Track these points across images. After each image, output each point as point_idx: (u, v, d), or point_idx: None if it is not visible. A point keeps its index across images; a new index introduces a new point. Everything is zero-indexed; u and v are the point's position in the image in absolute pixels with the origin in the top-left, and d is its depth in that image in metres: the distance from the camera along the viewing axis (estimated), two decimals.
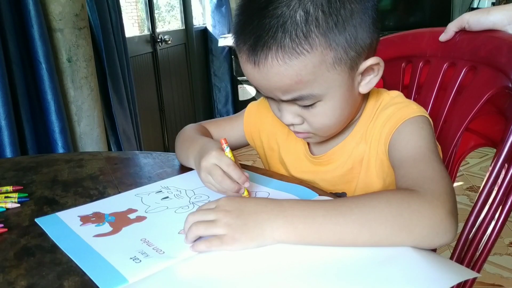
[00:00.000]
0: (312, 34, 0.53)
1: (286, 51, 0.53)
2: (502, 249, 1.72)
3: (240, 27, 0.57)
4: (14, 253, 0.52)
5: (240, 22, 0.57)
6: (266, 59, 0.54)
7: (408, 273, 0.42)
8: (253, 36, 0.54)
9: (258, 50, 0.54)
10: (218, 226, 0.48)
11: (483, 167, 2.51)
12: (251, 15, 0.55)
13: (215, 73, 3.41)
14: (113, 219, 0.58)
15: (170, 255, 0.48)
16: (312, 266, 0.44)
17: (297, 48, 0.53)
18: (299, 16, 0.52)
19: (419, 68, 0.85)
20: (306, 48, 0.53)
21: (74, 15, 1.49)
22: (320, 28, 0.53)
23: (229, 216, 0.48)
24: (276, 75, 0.55)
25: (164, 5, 3.17)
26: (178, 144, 0.77)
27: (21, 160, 0.87)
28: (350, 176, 0.68)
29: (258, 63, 0.55)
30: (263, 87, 0.59)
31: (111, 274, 0.45)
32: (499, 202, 0.64)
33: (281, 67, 0.54)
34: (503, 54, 0.68)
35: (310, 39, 0.53)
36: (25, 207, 0.64)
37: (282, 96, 0.58)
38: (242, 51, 0.57)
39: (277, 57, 0.53)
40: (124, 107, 1.94)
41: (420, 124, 0.61)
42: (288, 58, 0.53)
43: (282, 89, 0.57)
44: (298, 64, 0.54)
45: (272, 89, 0.58)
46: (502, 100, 0.69)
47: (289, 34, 0.52)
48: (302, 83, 0.55)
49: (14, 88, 1.34)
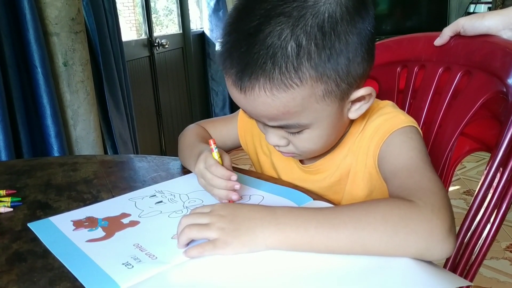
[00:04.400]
0: (303, 67, 0.50)
1: (274, 83, 0.51)
2: (498, 253, 1.72)
3: (227, 50, 0.54)
4: (6, 258, 0.51)
5: (227, 44, 0.54)
6: (253, 89, 0.52)
7: (400, 281, 0.42)
8: (241, 63, 0.52)
9: (245, 78, 0.52)
10: (211, 230, 0.48)
11: (480, 171, 2.51)
12: (240, 39, 0.52)
13: (213, 77, 3.42)
14: (106, 224, 0.57)
15: (162, 261, 0.48)
16: (305, 273, 0.44)
17: (287, 81, 0.50)
18: (290, 48, 0.49)
19: (414, 72, 0.85)
20: (295, 82, 0.51)
21: (70, 19, 1.49)
22: (311, 62, 0.50)
23: (223, 221, 0.48)
24: (263, 104, 0.53)
25: (162, 9, 3.17)
26: (181, 151, 0.77)
27: (15, 164, 0.87)
28: (338, 188, 0.68)
29: (244, 90, 0.52)
30: (249, 112, 0.57)
31: (103, 280, 0.45)
32: (494, 206, 0.64)
33: (268, 98, 0.52)
34: (497, 59, 0.69)
35: (300, 73, 0.50)
36: (18, 212, 0.64)
37: (268, 122, 0.57)
38: (228, 74, 0.54)
39: (264, 88, 0.51)
40: (121, 111, 1.94)
41: (409, 134, 0.60)
42: (276, 90, 0.51)
43: (268, 117, 0.55)
44: (286, 97, 0.52)
45: (258, 115, 0.56)
46: (496, 105, 0.69)
47: (279, 66, 0.50)
48: (289, 114, 0.54)
49: (9, 92, 1.34)
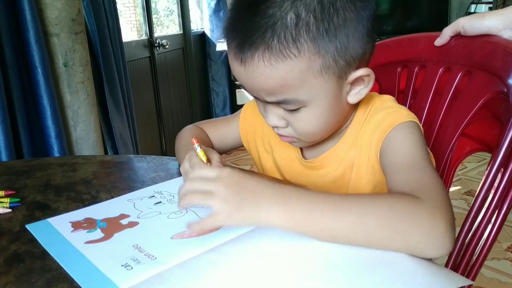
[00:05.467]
0: (301, 38, 0.52)
1: (273, 52, 0.52)
2: (500, 254, 1.71)
3: (230, 23, 0.56)
4: (4, 260, 0.51)
5: (231, 18, 0.57)
6: (252, 59, 0.53)
7: (401, 280, 0.41)
8: (242, 34, 0.54)
9: (245, 48, 0.53)
10: (215, 200, 0.48)
11: (481, 172, 2.51)
12: (242, 11, 0.55)
13: (213, 78, 3.42)
14: (105, 225, 0.57)
15: (162, 261, 0.47)
16: (304, 272, 0.43)
17: (285, 51, 0.52)
18: (289, 18, 0.51)
19: (415, 72, 0.85)
20: (293, 52, 0.52)
21: (71, 19, 1.49)
22: (310, 33, 0.52)
23: (228, 191, 0.48)
24: (261, 76, 0.54)
25: (162, 9, 3.17)
26: (177, 151, 0.77)
27: (14, 164, 0.87)
28: (341, 182, 0.68)
29: (244, 62, 0.54)
30: (248, 86, 0.58)
31: (102, 282, 0.45)
32: (495, 206, 0.64)
33: (267, 69, 0.53)
34: (498, 59, 0.68)
35: (298, 44, 0.52)
36: (16, 212, 0.64)
37: (266, 98, 0.58)
38: (230, 48, 0.56)
39: (263, 58, 0.53)
40: (121, 111, 1.94)
41: (411, 129, 0.60)
42: (274, 60, 0.52)
43: (266, 91, 0.56)
44: (284, 68, 0.53)
45: (256, 89, 0.57)
46: (497, 105, 0.69)
47: (278, 36, 0.51)
48: (287, 87, 0.55)
49: (10, 93, 1.34)
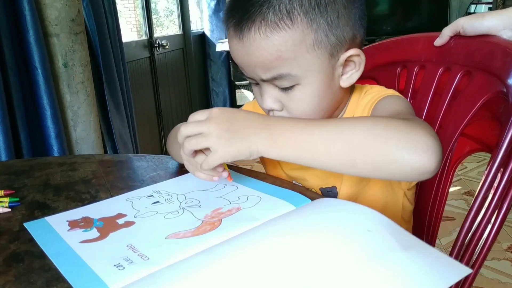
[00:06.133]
0: (295, 11, 0.56)
1: (268, 24, 0.56)
2: (500, 254, 1.71)
3: (230, 5, 0.61)
4: (3, 259, 0.51)
5: (231, 2, 0.62)
6: (249, 32, 0.57)
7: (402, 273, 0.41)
8: (241, 11, 0.58)
9: (243, 24, 0.58)
10: (209, 140, 0.51)
11: (481, 172, 2.51)
12: None
13: (213, 78, 3.42)
14: (101, 224, 0.57)
15: (154, 262, 0.47)
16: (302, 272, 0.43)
17: (279, 22, 0.56)
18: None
19: (414, 73, 0.85)
20: (287, 23, 0.56)
21: (70, 20, 1.49)
22: (302, 7, 0.56)
23: (220, 129, 0.51)
24: (257, 49, 0.58)
25: (162, 10, 3.17)
26: (170, 142, 0.77)
27: (13, 164, 0.87)
28: None
29: (242, 37, 0.58)
30: (245, 63, 0.61)
31: (93, 281, 0.44)
32: (494, 206, 0.64)
33: (262, 41, 0.57)
34: (497, 59, 0.68)
35: (292, 16, 0.56)
36: (16, 212, 0.64)
37: (262, 75, 0.60)
38: (229, 26, 0.60)
39: (259, 30, 0.57)
40: (121, 112, 1.94)
41: (396, 99, 0.65)
42: (269, 31, 0.56)
43: (262, 66, 0.59)
44: (279, 39, 0.56)
45: (253, 65, 0.60)
46: (496, 105, 0.69)
47: (273, 8, 0.56)
48: (281, 60, 0.58)
49: (9, 93, 1.34)
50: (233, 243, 0.50)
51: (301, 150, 0.50)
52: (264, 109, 0.66)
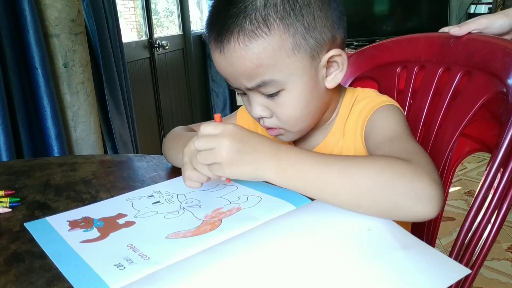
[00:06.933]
0: (270, 18, 0.57)
1: (246, 33, 0.57)
2: (499, 254, 1.71)
3: (209, 18, 0.62)
4: (4, 259, 0.51)
5: (209, 14, 0.63)
6: (229, 43, 0.58)
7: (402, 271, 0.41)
8: (219, 24, 0.59)
9: (222, 36, 0.58)
10: (218, 157, 0.51)
11: (481, 172, 2.51)
12: (219, 6, 0.61)
13: (213, 78, 3.42)
14: (102, 224, 0.57)
15: (155, 261, 0.47)
16: (303, 271, 0.43)
17: (256, 30, 0.57)
18: (259, 2, 0.57)
19: (414, 73, 0.85)
20: (264, 31, 0.57)
21: (71, 20, 1.49)
22: (278, 13, 0.57)
23: (231, 148, 0.50)
24: (239, 59, 0.58)
25: (162, 10, 3.17)
26: (166, 144, 0.78)
27: (14, 164, 0.87)
28: None
29: (222, 49, 0.59)
30: (229, 74, 0.62)
31: (94, 281, 0.44)
32: (494, 206, 0.64)
33: (242, 50, 0.58)
34: (497, 59, 0.68)
35: (268, 23, 0.57)
36: (16, 212, 0.64)
37: (247, 84, 0.61)
38: (211, 40, 0.61)
39: (238, 40, 0.57)
40: (121, 112, 1.94)
41: (391, 111, 0.64)
42: (248, 40, 0.57)
43: (245, 75, 0.60)
44: (258, 47, 0.57)
45: (236, 75, 0.61)
46: (496, 105, 0.69)
47: (249, 17, 0.57)
48: (263, 67, 0.58)
49: (10, 94, 1.34)
50: (234, 243, 0.50)
51: (308, 185, 0.50)
52: (254, 118, 0.66)
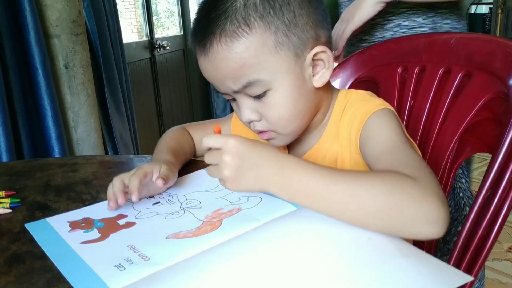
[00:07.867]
0: (251, 17, 0.58)
1: (227, 34, 0.58)
2: (501, 255, 1.71)
3: (193, 25, 0.63)
4: (4, 260, 0.51)
5: (194, 21, 0.64)
6: (211, 46, 0.59)
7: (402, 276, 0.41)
8: (202, 29, 0.60)
9: (206, 39, 0.59)
10: (220, 173, 0.52)
11: (482, 172, 2.49)
12: (202, 13, 0.62)
13: None
14: (102, 225, 0.57)
15: (155, 262, 0.47)
16: (305, 272, 0.43)
17: (237, 30, 0.57)
18: (239, 3, 0.58)
19: (415, 73, 0.85)
20: (245, 30, 0.57)
21: (71, 21, 1.49)
22: (257, 12, 0.58)
23: (231, 166, 0.51)
24: (222, 60, 0.59)
25: (163, 10, 3.18)
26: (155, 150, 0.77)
27: (14, 165, 0.87)
28: None
29: (206, 52, 0.60)
30: (215, 78, 0.62)
31: (94, 282, 0.44)
32: (495, 207, 0.64)
33: (225, 51, 0.58)
34: (498, 59, 0.68)
35: (248, 22, 0.57)
36: (17, 213, 0.64)
37: (233, 86, 0.61)
38: (195, 45, 0.62)
39: (221, 42, 0.58)
40: (122, 113, 1.94)
41: (386, 117, 0.63)
42: (230, 41, 0.58)
43: (230, 76, 0.60)
44: (240, 47, 0.58)
45: (222, 78, 0.61)
46: (497, 105, 0.69)
47: (230, 18, 0.58)
48: (247, 67, 0.59)
49: (10, 94, 1.34)
50: (234, 244, 0.50)
51: (315, 202, 0.49)
52: (245, 123, 0.66)
